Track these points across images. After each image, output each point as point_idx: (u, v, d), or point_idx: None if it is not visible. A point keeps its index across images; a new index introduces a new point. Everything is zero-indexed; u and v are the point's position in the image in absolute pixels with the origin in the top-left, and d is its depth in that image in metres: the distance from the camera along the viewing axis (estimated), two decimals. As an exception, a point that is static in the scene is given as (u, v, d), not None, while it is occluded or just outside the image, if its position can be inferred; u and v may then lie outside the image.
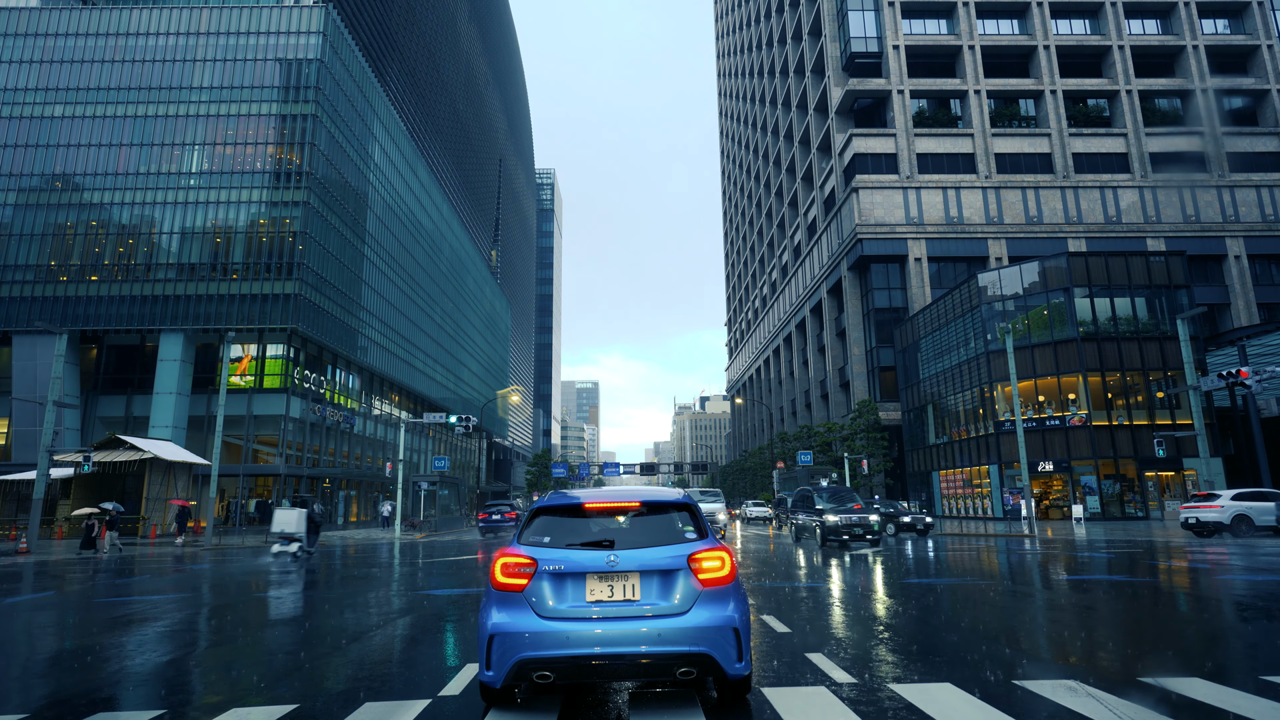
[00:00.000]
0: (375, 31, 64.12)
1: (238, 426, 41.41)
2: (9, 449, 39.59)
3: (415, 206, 65.32)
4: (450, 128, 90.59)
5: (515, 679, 4.19)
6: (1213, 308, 47.97)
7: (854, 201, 50.88)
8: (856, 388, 52.50)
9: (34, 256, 42.04)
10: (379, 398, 57.97)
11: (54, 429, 25.86)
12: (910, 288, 49.38)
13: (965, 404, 40.90)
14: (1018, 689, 4.97)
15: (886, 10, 53.90)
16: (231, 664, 6.49)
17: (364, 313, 51.85)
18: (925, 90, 53.24)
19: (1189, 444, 33.67)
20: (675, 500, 4.82)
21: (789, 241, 72.63)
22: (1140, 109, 52.49)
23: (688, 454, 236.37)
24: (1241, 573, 12.76)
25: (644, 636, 4.16)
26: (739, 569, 11.54)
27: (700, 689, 5.06)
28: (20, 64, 44.67)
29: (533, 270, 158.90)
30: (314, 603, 10.76)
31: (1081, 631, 7.38)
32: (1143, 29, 55.16)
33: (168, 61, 45.04)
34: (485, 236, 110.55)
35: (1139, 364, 35.83)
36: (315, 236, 43.96)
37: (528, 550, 4.47)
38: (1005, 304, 38.46)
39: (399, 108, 66.88)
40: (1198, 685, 5.01)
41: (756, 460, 71.91)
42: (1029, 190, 50.81)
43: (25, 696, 5.37)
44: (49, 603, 11.57)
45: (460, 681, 5.47)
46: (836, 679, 5.30)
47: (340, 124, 47.99)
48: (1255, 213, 50.26)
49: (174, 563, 19.91)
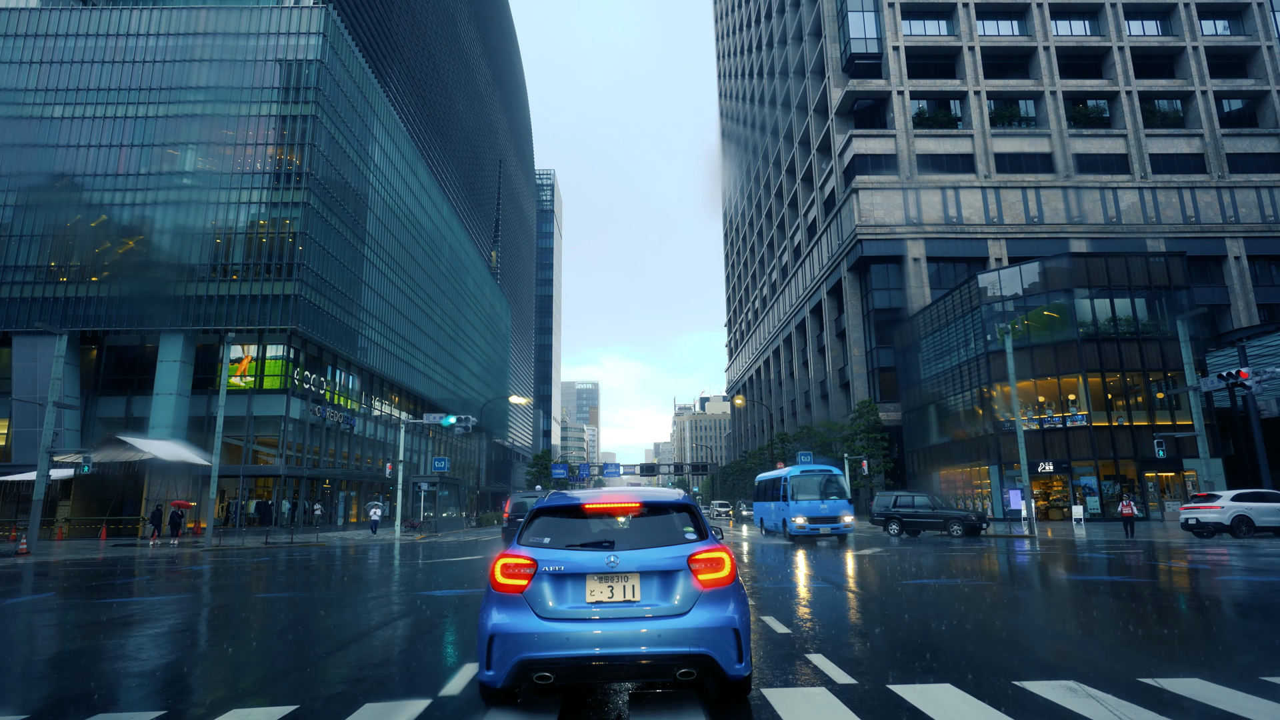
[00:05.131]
0: (375, 32, 64.15)
1: (238, 427, 41.37)
2: (9, 450, 39.56)
3: (415, 207, 65.33)
4: (450, 128, 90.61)
5: (515, 679, 4.19)
6: (1213, 308, 47.95)
7: (854, 202, 50.89)
8: (856, 388, 52.49)
9: (34, 257, 42.02)
10: (379, 398, 57.96)
11: (54, 430, 25.86)
12: (910, 288, 49.37)
13: (965, 404, 40.89)
14: (1017, 689, 4.97)
15: (886, 11, 53.93)
16: (232, 663, 6.49)
17: (364, 313, 51.84)
18: (925, 91, 53.25)
19: (1189, 445, 33.66)
20: (675, 501, 4.83)
21: (789, 242, 72.65)
22: (1140, 110, 52.51)
23: (688, 455, 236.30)
24: (1241, 574, 12.76)
25: (644, 637, 4.17)
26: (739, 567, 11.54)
27: (700, 690, 5.06)
28: (20, 64, 44.65)
29: (533, 271, 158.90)
30: (313, 603, 10.76)
31: (1081, 632, 7.38)
32: (1143, 30, 55.18)
33: (167, 62, 45.01)
34: (485, 237, 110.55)
35: (1139, 365, 35.83)
36: (315, 237, 43.96)
37: (528, 551, 4.48)
38: (1005, 304, 38.45)
39: (399, 108, 66.89)
40: (1198, 686, 5.01)
41: (756, 461, 71.86)
42: (1029, 191, 50.81)
43: (25, 698, 5.37)
44: (48, 604, 11.57)
45: (460, 681, 5.47)
46: (837, 679, 5.30)
47: (340, 125, 48.00)
48: (1255, 214, 50.27)
49: (167, 565, 19.90)
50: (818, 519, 22.56)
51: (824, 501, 23.17)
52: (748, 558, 18.00)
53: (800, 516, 22.79)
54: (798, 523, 22.72)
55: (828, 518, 22.54)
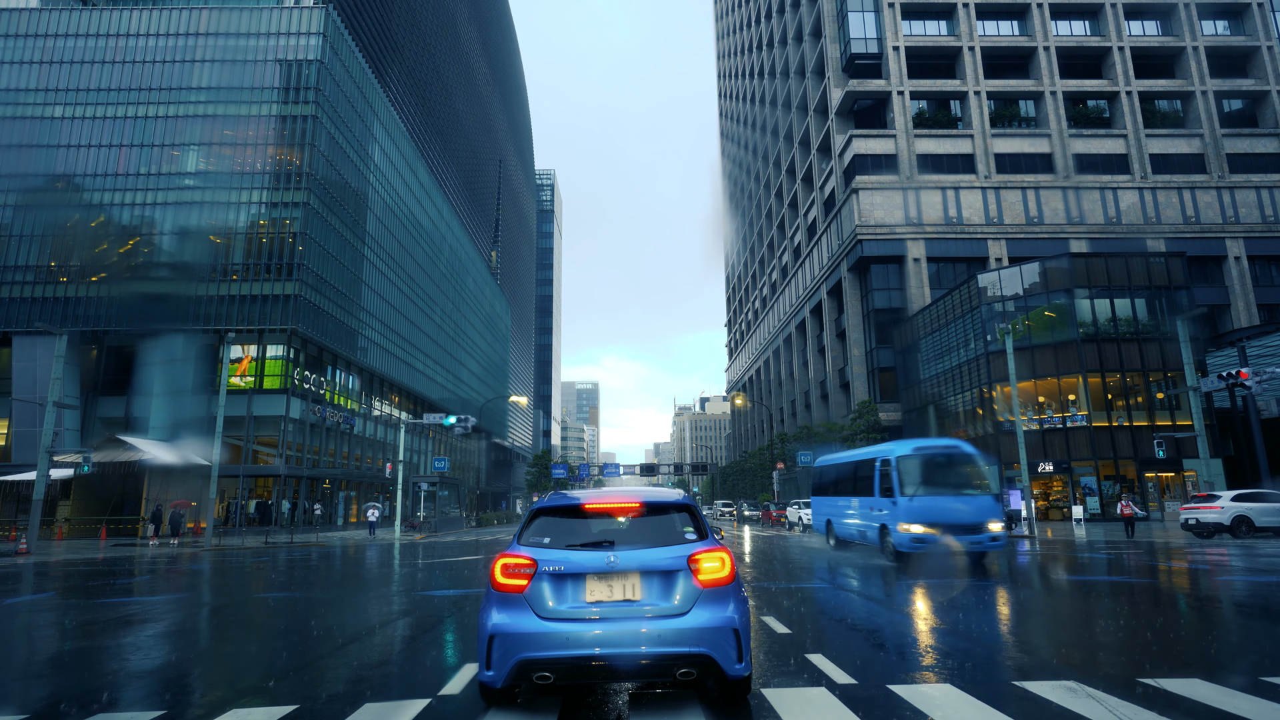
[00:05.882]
0: (375, 32, 64.15)
1: (238, 427, 41.36)
2: (9, 450, 39.56)
3: (415, 207, 65.33)
4: (450, 128, 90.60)
5: (515, 679, 4.20)
6: (1213, 309, 47.92)
7: (854, 202, 50.88)
8: (856, 388, 52.48)
9: (34, 257, 42.03)
10: (379, 398, 57.96)
11: (54, 430, 25.86)
12: (910, 288, 49.36)
13: (965, 405, 40.89)
14: (1017, 689, 4.97)
15: (886, 11, 53.92)
16: (232, 663, 6.49)
17: (364, 313, 51.85)
18: (925, 91, 53.24)
19: (1189, 445, 33.66)
20: (675, 501, 4.82)
21: (789, 242, 72.64)
22: (1140, 110, 52.50)
23: (688, 455, 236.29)
24: (1241, 574, 12.76)
25: (644, 637, 4.17)
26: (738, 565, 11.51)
27: (701, 690, 5.06)
28: (20, 64, 44.66)
29: (533, 271, 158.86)
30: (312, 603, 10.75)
31: (1081, 632, 7.37)
32: (1143, 30, 55.16)
33: (167, 62, 45.02)
34: (485, 237, 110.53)
35: (1139, 365, 35.83)
36: (315, 237, 43.96)
37: (527, 551, 4.48)
38: (1005, 304, 38.45)
39: (399, 108, 66.89)
40: (1198, 686, 5.01)
41: (756, 461, 71.87)
42: (1029, 191, 50.80)
43: (25, 698, 5.37)
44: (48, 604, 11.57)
45: (460, 681, 5.47)
46: (837, 680, 5.30)
47: (340, 125, 48.00)
48: (1255, 214, 50.26)
49: (167, 565, 19.90)
50: (948, 525, 14.46)
51: (957, 498, 14.90)
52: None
53: (915, 522, 14.70)
54: (912, 532, 14.68)
55: (965, 524, 14.46)
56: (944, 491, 15.18)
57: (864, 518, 17.37)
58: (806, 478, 44.19)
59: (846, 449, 45.76)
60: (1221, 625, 8.02)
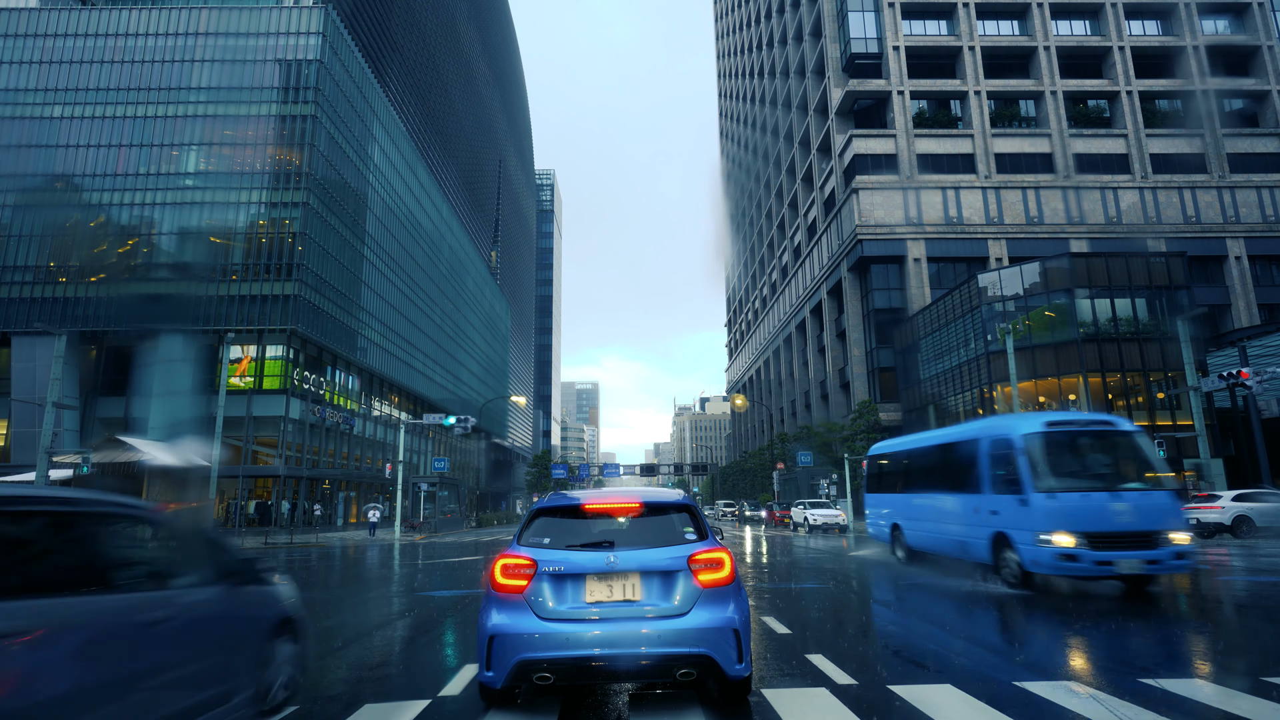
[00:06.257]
0: (375, 32, 64.14)
1: (237, 428, 41.36)
2: (8, 450, 39.57)
3: (415, 207, 65.32)
4: (450, 128, 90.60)
5: (515, 680, 4.19)
6: (1213, 309, 47.90)
7: (854, 202, 50.87)
8: (856, 388, 52.47)
9: (34, 257, 42.03)
10: (378, 399, 57.96)
11: (53, 430, 25.83)
12: (910, 288, 49.35)
13: (965, 405, 40.88)
14: (1018, 690, 4.96)
15: (886, 11, 53.91)
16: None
17: (363, 314, 51.85)
18: (925, 91, 53.23)
19: (1189, 445, 33.64)
20: (675, 501, 4.81)
21: (789, 242, 72.64)
22: (1141, 110, 52.49)
23: (688, 455, 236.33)
24: (1242, 574, 12.75)
25: (644, 638, 4.16)
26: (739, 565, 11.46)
27: (701, 690, 5.05)
28: (20, 64, 44.68)
29: (532, 271, 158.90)
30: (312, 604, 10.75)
31: (1081, 633, 7.36)
32: (1143, 29, 55.15)
33: (167, 62, 45.03)
34: (485, 237, 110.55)
35: (1139, 365, 35.83)
36: (315, 237, 43.96)
37: (527, 551, 4.47)
38: (1005, 304, 38.44)
39: (399, 108, 66.89)
40: (1198, 686, 5.01)
41: (756, 461, 71.88)
42: (1029, 191, 50.79)
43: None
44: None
45: (460, 682, 5.46)
46: (837, 680, 5.29)
47: (340, 125, 48.00)
48: (1256, 214, 50.24)
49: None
50: (1109, 536, 9.62)
51: (1120, 495, 10.06)
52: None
53: (1060, 529, 9.69)
54: (1056, 544, 9.66)
55: (1135, 534, 9.65)
56: (1099, 485, 10.22)
57: (964, 522, 12.16)
58: (807, 477, 44.01)
59: (846, 449, 45.64)
60: (1221, 624, 8.01)
